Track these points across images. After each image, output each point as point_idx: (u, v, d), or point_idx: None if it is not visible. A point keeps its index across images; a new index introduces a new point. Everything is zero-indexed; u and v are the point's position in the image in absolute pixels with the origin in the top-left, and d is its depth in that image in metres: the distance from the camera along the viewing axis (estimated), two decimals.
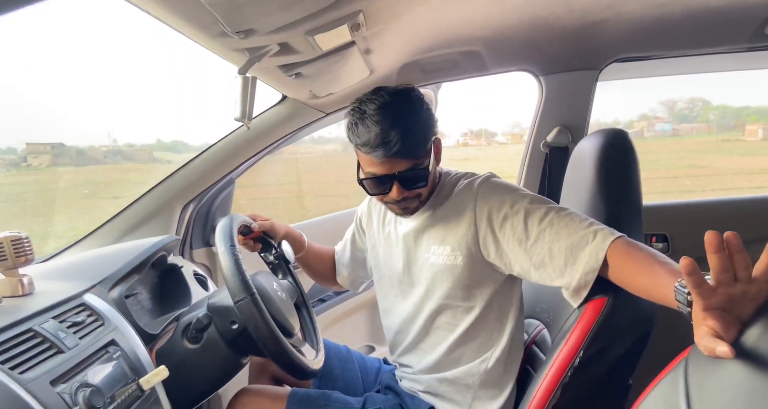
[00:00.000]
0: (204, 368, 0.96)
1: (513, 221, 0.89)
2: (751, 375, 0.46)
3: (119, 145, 4.07)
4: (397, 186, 0.93)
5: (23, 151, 4.09)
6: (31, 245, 0.80)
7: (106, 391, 0.73)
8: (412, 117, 0.91)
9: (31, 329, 0.70)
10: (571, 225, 0.85)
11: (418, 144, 0.91)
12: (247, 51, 0.71)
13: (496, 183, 0.97)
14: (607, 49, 1.29)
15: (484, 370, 0.98)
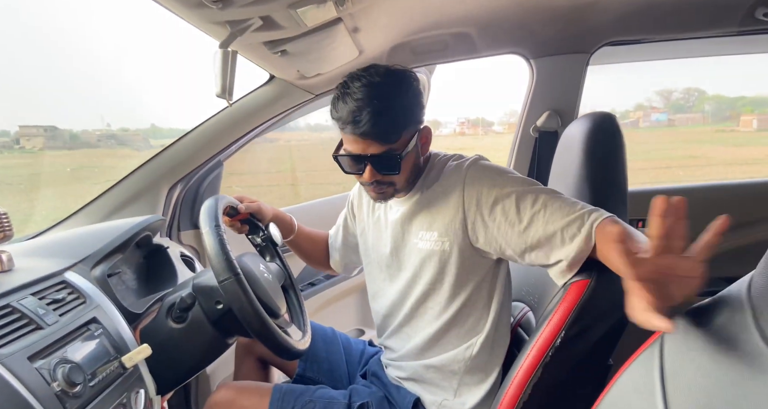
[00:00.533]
0: (189, 348, 0.96)
1: (504, 204, 0.89)
2: (724, 352, 0.47)
3: (113, 130, 4.03)
4: (370, 168, 0.92)
5: (16, 133, 4.03)
6: (9, 222, 0.79)
7: (86, 368, 0.73)
8: (391, 100, 0.89)
9: (9, 305, 0.70)
10: (564, 207, 0.85)
11: (391, 129, 0.89)
12: (228, 24, 0.69)
13: (485, 165, 0.95)
14: (597, 33, 1.28)
15: (470, 356, 0.98)
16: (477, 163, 0.96)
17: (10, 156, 4.18)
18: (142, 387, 0.84)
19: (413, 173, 0.97)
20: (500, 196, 0.89)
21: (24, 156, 4.13)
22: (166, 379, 0.93)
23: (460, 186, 0.93)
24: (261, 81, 1.31)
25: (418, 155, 0.97)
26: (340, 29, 0.90)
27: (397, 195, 1.00)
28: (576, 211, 0.84)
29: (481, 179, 0.92)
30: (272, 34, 0.79)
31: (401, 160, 0.91)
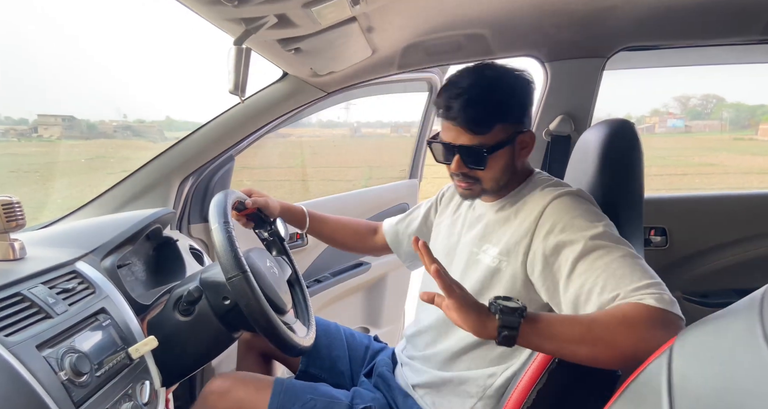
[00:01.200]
0: (194, 341, 0.97)
1: (566, 251, 0.82)
2: (732, 365, 0.46)
3: (129, 121, 4.08)
4: (458, 159, 0.91)
5: (34, 122, 4.10)
6: (22, 211, 0.80)
7: (93, 357, 0.74)
8: (488, 91, 0.88)
9: (19, 294, 0.71)
10: (625, 276, 0.75)
11: (482, 119, 0.88)
12: (243, 21, 0.69)
13: (574, 201, 0.87)
14: (615, 37, 1.26)
15: (490, 384, 0.93)
16: (568, 195, 0.88)
17: (28, 144, 4.25)
18: (147, 379, 0.85)
19: (504, 175, 0.93)
20: (568, 242, 0.82)
21: (41, 145, 4.20)
22: (171, 371, 0.95)
23: (538, 212, 0.87)
24: (274, 77, 1.31)
25: (512, 158, 0.93)
26: (354, 28, 0.90)
27: (483, 196, 0.97)
28: (625, 288, 0.74)
29: (562, 214, 0.85)
30: (287, 32, 0.79)
31: (488, 155, 0.89)
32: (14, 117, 3.85)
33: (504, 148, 0.90)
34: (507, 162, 0.92)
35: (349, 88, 1.37)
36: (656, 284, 0.74)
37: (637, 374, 0.58)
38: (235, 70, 0.74)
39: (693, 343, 0.51)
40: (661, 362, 0.54)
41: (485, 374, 0.94)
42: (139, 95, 4.93)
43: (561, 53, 1.32)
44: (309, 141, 7.10)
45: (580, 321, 0.74)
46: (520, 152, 0.94)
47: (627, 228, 0.93)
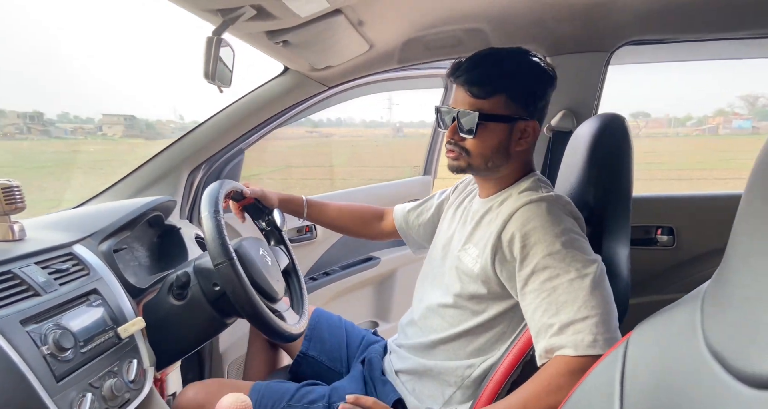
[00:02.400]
0: (187, 325, 1.00)
1: (523, 264, 0.83)
2: (673, 357, 0.46)
3: (185, 122, 4.24)
4: (454, 125, 0.91)
5: (100, 121, 4.36)
6: (22, 194, 0.85)
7: (80, 335, 0.78)
8: (500, 61, 0.89)
9: (10, 272, 0.75)
10: (566, 304, 0.78)
11: (482, 82, 0.87)
12: (220, 12, 0.71)
13: (542, 209, 0.84)
14: (618, 31, 1.22)
15: (468, 375, 0.94)
16: (540, 201, 0.86)
17: (93, 142, 4.51)
18: (135, 358, 0.88)
19: (493, 155, 0.91)
20: (525, 255, 0.83)
21: (105, 142, 4.45)
22: (165, 353, 0.98)
23: (507, 215, 0.87)
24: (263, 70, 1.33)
25: (507, 140, 0.91)
26: (342, 22, 0.91)
27: (469, 171, 0.95)
28: (561, 317, 0.78)
29: (525, 222, 0.84)
30: (269, 25, 0.81)
31: (480, 121, 0.87)
32: (82, 116, 4.12)
33: (499, 123, 0.89)
34: (499, 141, 0.90)
35: (350, 82, 1.39)
36: (587, 318, 0.76)
37: (596, 365, 0.58)
38: (205, 58, 0.76)
39: (646, 332, 0.52)
40: (617, 353, 0.54)
41: (464, 364, 0.95)
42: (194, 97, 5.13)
43: (562, 47, 1.29)
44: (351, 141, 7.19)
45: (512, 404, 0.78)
46: (518, 140, 0.92)
47: (614, 226, 0.91)
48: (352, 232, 1.34)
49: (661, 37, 1.23)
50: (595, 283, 0.78)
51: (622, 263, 0.90)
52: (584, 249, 0.82)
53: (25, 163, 4.90)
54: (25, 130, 5.58)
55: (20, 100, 3.77)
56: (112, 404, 0.78)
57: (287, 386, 1.06)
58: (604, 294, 0.79)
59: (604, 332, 0.76)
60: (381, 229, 1.33)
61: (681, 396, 0.42)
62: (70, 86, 3.55)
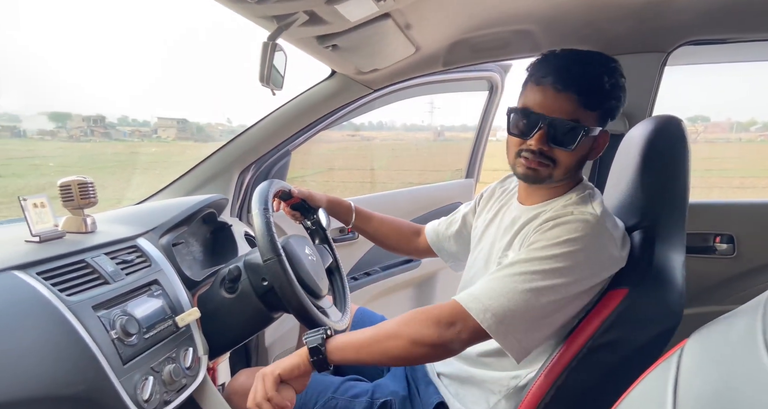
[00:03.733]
0: (237, 317, 1.04)
1: (525, 248, 0.84)
2: (731, 367, 0.44)
3: (233, 126, 4.45)
4: (542, 133, 0.83)
5: (155, 124, 4.66)
6: (95, 190, 0.92)
7: (143, 322, 0.83)
8: (612, 72, 0.84)
9: (84, 261, 0.82)
10: (503, 278, 0.81)
11: (595, 97, 0.82)
12: (275, 19, 0.75)
13: (577, 222, 0.81)
14: (676, 31, 1.17)
15: (514, 386, 0.92)
16: (579, 216, 0.82)
17: (149, 144, 4.82)
18: (191, 346, 0.94)
19: (575, 168, 0.88)
20: (527, 248, 0.83)
21: (159, 144, 4.73)
22: (216, 343, 1.03)
23: (545, 218, 0.85)
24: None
25: (588, 153, 0.88)
26: (390, 25, 0.93)
27: (548, 181, 0.89)
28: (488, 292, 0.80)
29: (555, 225, 0.82)
30: (320, 29, 0.84)
31: (585, 135, 0.82)
32: (139, 119, 4.43)
33: (594, 136, 0.85)
34: (585, 154, 0.88)
35: (395, 85, 1.41)
36: (495, 307, 0.78)
37: (647, 373, 0.57)
38: (261, 62, 0.80)
39: (702, 342, 0.50)
40: (670, 362, 0.53)
41: (509, 375, 0.94)
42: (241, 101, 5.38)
43: (616, 48, 1.25)
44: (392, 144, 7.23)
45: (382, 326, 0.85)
46: (593, 151, 0.89)
47: (667, 232, 0.88)
48: (391, 246, 1.34)
49: (723, 36, 1.17)
50: (539, 291, 0.78)
51: (677, 270, 0.87)
52: (575, 269, 0.79)
53: (89, 163, 5.26)
54: (89, 132, 5.99)
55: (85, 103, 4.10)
56: (170, 388, 0.83)
57: (332, 379, 1.08)
58: (535, 303, 0.78)
59: (498, 321, 0.78)
60: (417, 245, 1.33)
61: (740, 406, 0.41)
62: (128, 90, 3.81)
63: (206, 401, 0.95)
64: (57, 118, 6.40)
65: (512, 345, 0.79)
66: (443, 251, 1.27)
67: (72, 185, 0.89)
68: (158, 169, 4.11)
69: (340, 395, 1.02)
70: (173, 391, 0.83)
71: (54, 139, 6.12)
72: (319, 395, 1.02)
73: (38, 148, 5.85)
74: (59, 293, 0.73)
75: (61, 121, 6.35)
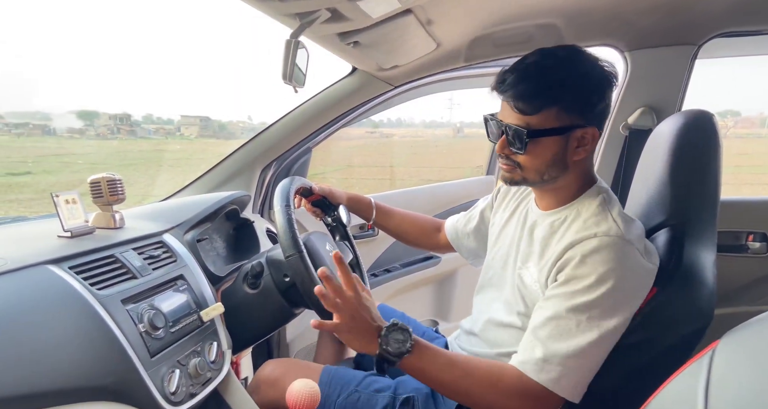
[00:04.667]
0: (259, 312, 1.06)
1: (561, 288, 0.81)
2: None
3: (254, 123, 4.54)
4: (504, 139, 0.85)
5: (178, 122, 4.77)
6: (123, 187, 0.95)
7: (169, 316, 0.85)
8: (548, 71, 0.81)
9: (113, 255, 0.84)
10: (562, 334, 0.79)
11: (528, 98, 0.81)
12: (298, 16, 0.75)
13: (601, 253, 0.78)
14: (708, 22, 1.14)
15: None
16: (604, 240, 0.79)
17: (172, 142, 4.94)
18: (215, 340, 0.95)
19: (549, 169, 0.86)
20: (568, 282, 0.80)
21: (182, 142, 4.85)
22: (239, 338, 1.05)
23: (566, 246, 0.82)
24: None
25: (563, 152, 0.85)
26: (411, 21, 0.93)
27: (524, 184, 0.91)
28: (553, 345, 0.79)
29: (585, 257, 0.79)
30: (342, 26, 0.84)
31: (528, 139, 0.82)
32: (163, 117, 4.59)
33: (551, 137, 0.83)
34: (554, 154, 0.85)
35: (416, 81, 1.40)
36: (564, 360, 0.78)
37: (677, 374, 0.56)
38: (284, 60, 0.81)
39: (735, 344, 0.49)
40: (701, 363, 0.52)
41: None
42: (262, 99, 5.47)
43: (644, 41, 1.22)
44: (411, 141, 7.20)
45: (456, 368, 0.83)
46: (576, 149, 0.85)
47: (698, 230, 0.85)
48: (412, 241, 1.34)
49: (757, 28, 1.13)
50: (601, 338, 0.78)
51: (707, 269, 0.84)
52: (622, 301, 0.78)
53: (115, 160, 5.41)
54: (115, 130, 6.16)
55: (111, 102, 4.25)
56: (196, 381, 0.84)
57: (354, 373, 1.08)
58: (598, 352, 0.79)
59: (574, 384, 0.78)
60: (437, 240, 1.32)
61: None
62: (154, 88, 3.93)
63: (230, 395, 0.96)
64: (85, 117, 6.60)
65: (577, 392, 0.80)
66: (462, 248, 1.27)
67: (101, 182, 0.92)
68: (182, 167, 4.21)
69: (363, 389, 1.02)
70: (198, 384, 0.85)
71: (82, 138, 6.32)
72: (342, 388, 1.02)
73: (68, 146, 6.04)
74: (90, 287, 0.75)
75: (89, 120, 6.55)
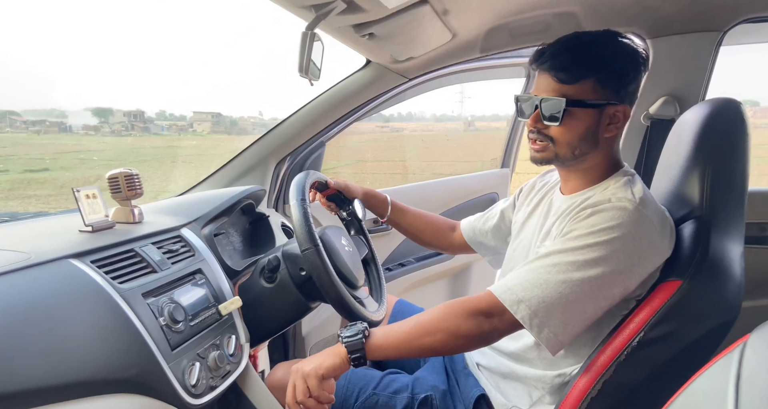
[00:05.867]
0: (276, 306, 1.06)
1: (561, 237, 0.82)
2: None
3: (265, 119, 4.57)
4: (537, 112, 0.86)
5: (191, 118, 4.83)
6: (140, 182, 0.95)
7: (188, 309, 0.86)
8: (587, 44, 0.85)
9: (133, 250, 0.85)
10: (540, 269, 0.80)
11: (569, 67, 0.83)
12: (314, 8, 0.75)
13: (617, 210, 0.79)
14: (734, 7, 1.09)
15: (558, 384, 0.90)
16: (618, 204, 0.80)
17: (185, 138, 4.99)
18: (234, 334, 0.96)
19: (581, 143, 0.87)
20: (565, 236, 0.82)
21: (195, 138, 4.90)
22: (257, 331, 1.05)
23: (584, 205, 0.83)
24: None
25: (595, 127, 0.86)
26: (427, 11, 0.91)
27: (555, 162, 0.91)
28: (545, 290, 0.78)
29: (594, 213, 0.80)
30: (357, 17, 0.83)
31: (567, 108, 0.83)
32: (176, 114, 4.67)
33: (587, 109, 0.84)
34: (587, 129, 0.86)
35: (431, 73, 1.38)
36: (529, 299, 0.78)
37: (706, 368, 0.54)
38: (300, 53, 0.80)
39: (767, 337, 0.47)
40: (732, 356, 0.51)
41: (553, 374, 0.91)
42: (273, 95, 5.53)
43: (666, 28, 1.19)
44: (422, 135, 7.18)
45: (413, 318, 0.86)
46: (608, 126, 0.86)
47: (724, 222, 0.83)
48: (426, 241, 1.33)
49: None
50: (582, 283, 0.77)
51: (735, 262, 0.82)
52: (616, 259, 0.77)
53: (130, 156, 5.48)
54: (129, 127, 6.24)
55: (125, 99, 4.35)
56: (215, 374, 0.85)
57: (372, 373, 1.07)
58: (573, 296, 0.78)
59: (534, 311, 0.78)
60: (452, 240, 1.31)
61: None
62: (166, 84, 3.99)
63: (249, 388, 0.97)
64: (100, 114, 6.70)
65: (548, 338, 0.78)
66: (481, 246, 1.26)
67: (119, 178, 0.92)
68: (195, 162, 4.25)
69: (381, 391, 1.02)
70: (218, 377, 0.86)
71: (97, 134, 6.41)
72: (360, 391, 1.02)
73: (83, 143, 6.13)
74: (112, 280, 0.75)
75: (104, 117, 6.64)
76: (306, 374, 0.85)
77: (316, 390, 0.84)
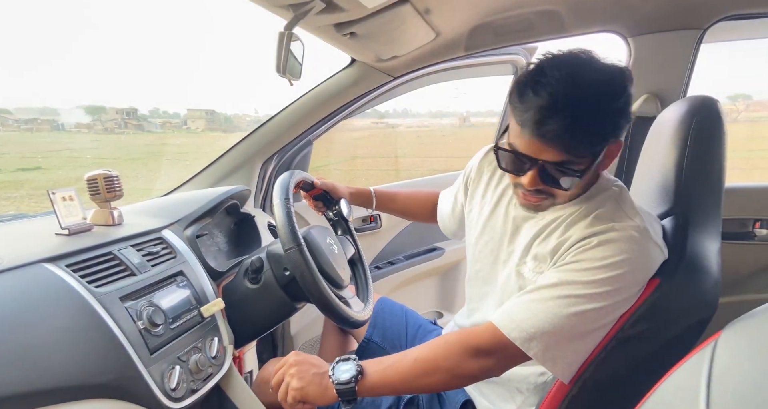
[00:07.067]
0: (261, 307, 1.06)
1: (567, 266, 0.78)
2: None
3: (260, 116, 4.54)
4: (534, 175, 0.76)
5: (185, 116, 4.80)
6: (120, 183, 0.95)
7: (169, 312, 0.85)
8: (597, 106, 0.70)
9: (111, 253, 0.84)
10: (545, 306, 0.76)
11: (585, 141, 0.72)
12: (291, 7, 0.74)
13: (626, 241, 0.75)
14: (714, 5, 1.10)
15: (542, 382, 0.90)
16: (626, 232, 0.76)
17: (179, 135, 4.97)
18: (216, 336, 0.95)
19: (581, 189, 0.83)
20: (561, 266, 0.78)
21: (189, 135, 4.87)
22: (241, 333, 1.05)
23: (572, 242, 0.79)
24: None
25: (595, 169, 0.79)
26: (409, 11, 0.91)
27: (550, 208, 0.85)
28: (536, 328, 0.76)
29: (602, 243, 0.76)
30: (337, 17, 0.83)
31: (580, 177, 0.75)
32: (170, 111, 4.65)
33: (595, 164, 0.76)
34: (591, 178, 0.82)
35: (416, 71, 1.38)
36: (541, 335, 0.75)
37: (678, 366, 0.55)
38: (277, 53, 0.79)
39: (738, 334, 0.48)
40: (703, 354, 0.51)
41: (536, 372, 0.91)
42: (268, 92, 5.51)
43: (647, 26, 1.19)
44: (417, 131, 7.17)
45: (410, 353, 0.82)
46: (604, 162, 0.79)
47: (702, 218, 0.83)
48: (420, 218, 1.35)
49: (764, 10, 1.09)
50: (586, 314, 0.75)
51: (711, 258, 0.83)
52: (622, 292, 0.76)
53: (122, 154, 5.45)
54: (122, 124, 6.20)
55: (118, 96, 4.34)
56: (197, 377, 0.85)
57: None
58: (585, 328, 0.76)
59: (547, 346, 0.75)
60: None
61: None
62: (160, 82, 3.98)
63: (232, 390, 0.97)
64: (93, 112, 6.64)
65: (562, 369, 0.78)
66: (446, 229, 1.26)
67: (98, 179, 0.92)
68: (189, 160, 4.22)
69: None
70: (200, 380, 0.85)
71: (90, 132, 6.36)
72: None
73: (75, 141, 6.08)
74: (87, 284, 0.75)
75: (97, 115, 6.59)
76: (290, 387, 0.83)
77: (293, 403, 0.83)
